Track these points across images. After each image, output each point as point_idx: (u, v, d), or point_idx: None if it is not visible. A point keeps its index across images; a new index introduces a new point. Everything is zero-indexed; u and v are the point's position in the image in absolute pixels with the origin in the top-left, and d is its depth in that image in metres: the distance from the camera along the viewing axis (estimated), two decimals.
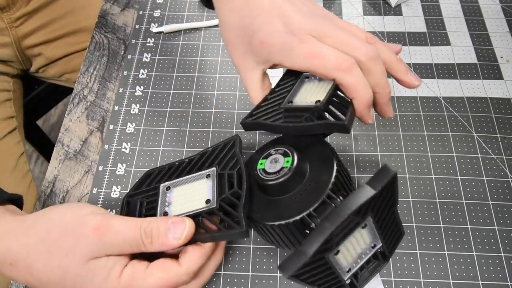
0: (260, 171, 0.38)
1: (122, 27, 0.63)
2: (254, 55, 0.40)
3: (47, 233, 0.34)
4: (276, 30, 0.37)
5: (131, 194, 0.42)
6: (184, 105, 0.55)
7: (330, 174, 0.37)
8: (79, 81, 0.58)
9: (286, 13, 0.38)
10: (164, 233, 0.34)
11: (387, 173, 0.33)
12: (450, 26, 0.61)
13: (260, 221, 0.37)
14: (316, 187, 0.37)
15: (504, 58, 0.58)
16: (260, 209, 0.38)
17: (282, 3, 0.38)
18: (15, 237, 0.35)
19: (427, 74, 0.56)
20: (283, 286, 0.43)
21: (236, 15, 0.40)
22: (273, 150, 0.39)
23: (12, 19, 0.70)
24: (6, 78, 0.74)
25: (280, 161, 0.38)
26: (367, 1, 0.64)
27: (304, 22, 0.37)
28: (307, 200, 0.36)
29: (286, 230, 0.36)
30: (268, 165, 0.38)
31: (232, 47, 0.42)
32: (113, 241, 0.33)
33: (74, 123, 0.55)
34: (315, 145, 0.41)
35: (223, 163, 0.40)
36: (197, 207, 0.37)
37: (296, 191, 0.37)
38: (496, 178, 0.48)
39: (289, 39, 0.37)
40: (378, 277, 0.43)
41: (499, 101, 0.54)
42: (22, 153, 0.70)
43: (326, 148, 0.39)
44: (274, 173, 0.37)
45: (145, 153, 0.52)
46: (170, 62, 0.59)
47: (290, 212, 0.36)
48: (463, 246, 0.45)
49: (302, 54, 0.36)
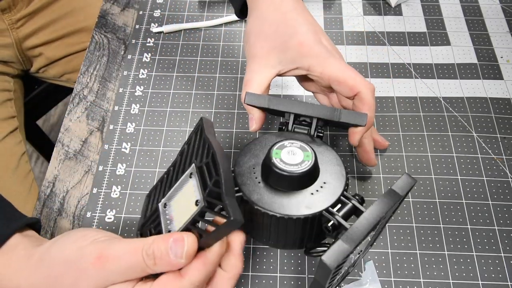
0: (277, 161, 0.37)
1: (122, 27, 0.63)
2: (283, 53, 0.43)
3: (51, 270, 0.34)
4: (316, 41, 0.43)
5: (141, 226, 0.40)
6: (184, 105, 0.55)
7: (342, 175, 0.39)
8: (79, 81, 0.58)
9: (324, 36, 0.45)
10: (166, 253, 0.32)
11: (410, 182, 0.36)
12: (450, 26, 0.61)
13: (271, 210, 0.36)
14: (331, 184, 0.38)
15: (504, 58, 0.58)
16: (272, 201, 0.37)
17: (321, 28, 0.45)
18: (23, 276, 0.35)
19: (427, 74, 0.56)
20: (283, 286, 0.43)
21: (278, 13, 0.44)
22: (287, 142, 0.38)
23: (13, 20, 0.70)
24: (6, 78, 0.74)
25: (299, 154, 0.37)
26: (367, 1, 0.64)
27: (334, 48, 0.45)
28: (326, 196, 0.37)
29: (300, 225, 0.36)
30: (285, 156, 0.37)
31: (259, 38, 0.44)
32: (116, 269, 0.32)
33: (74, 123, 0.55)
34: (320, 145, 0.41)
35: (199, 155, 0.37)
36: (191, 213, 0.35)
37: (313, 186, 0.38)
38: (496, 178, 0.48)
39: (326, 51, 0.43)
40: (376, 275, 0.43)
41: (499, 101, 0.54)
42: (23, 153, 0.70)
43: (331, 149, 0.40)
44: (295, 164, 0.37)
45: (145, 153, 0.52)
46: (170, 62, 0.59)
47: (309, 207, 0.36)
48: (463, 246, 0.45)
49: (336, 65, 0.42)
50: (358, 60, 0.58)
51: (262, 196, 0.37)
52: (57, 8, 0.75)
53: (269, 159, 0.37)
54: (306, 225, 0.36)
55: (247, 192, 0.38)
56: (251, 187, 0.38)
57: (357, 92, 0.41)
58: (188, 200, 0.36)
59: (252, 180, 0.38)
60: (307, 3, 0.63)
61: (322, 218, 0.36)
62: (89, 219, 0.47)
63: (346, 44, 0.59)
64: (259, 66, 0.43)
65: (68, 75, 0.80)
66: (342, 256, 0.31)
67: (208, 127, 0.37)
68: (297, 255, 0.45)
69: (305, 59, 0.42)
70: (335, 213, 0.36)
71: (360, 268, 0.44)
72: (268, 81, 0.43)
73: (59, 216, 0.48)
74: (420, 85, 0.55)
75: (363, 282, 0.43)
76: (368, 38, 0.60)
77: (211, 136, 0.37)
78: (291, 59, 0.43)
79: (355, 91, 0.41)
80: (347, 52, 0.59)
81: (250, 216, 0.38)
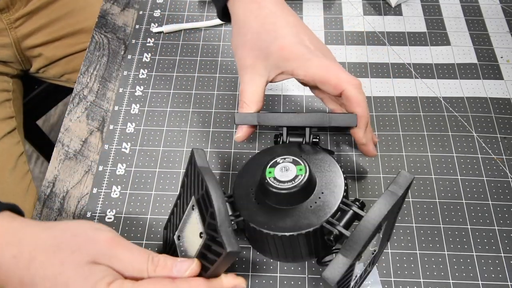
0: (271, 180, 0.37)
1: (122, 27, 0.63)
2: (267, 60, 0.43)
3: (62, 232, 0.35)
4: (297, 42, 0.42)
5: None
6: (184, 105, 0.55)
7: (341, 181, 0.38)
8: (79, 81, 0.58)
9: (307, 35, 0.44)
10: (170, 266, 0.34)
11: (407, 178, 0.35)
12: (450, 26, 0.61)
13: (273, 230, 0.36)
14: (329, 194, 0.37)
15: (504, 58, 0.58)
16: (272, 220, 0.37)
17: (304, 27, 0.44)
18: (30, 232, 0.36)
19: (427, 74, 0.56)
20: (283, 286, 0.43)
21: (258, 21, 0.43)
22: (279, 158, 0.38)
23: (11, 19, 0.70)
24: (5, 78, 0.74)
25: (292, 169, 0.37)
26: (367, 1, 0.64)
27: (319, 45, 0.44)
28: (324, 207, 0.36)
29: (303, 240, 0.36)
30: (278, 173, 0.37)
31: (244, 49, 0.44)
32: (120, 256, 0.34)
33: (74, 123, 0.55)
34: (315, 153, 0.41)
35: (196, 187, 0.38)
36: (198, 245, 0.36)
37: (310, 199, 0.37)
38: (496, 178, 0.48)
39: (308, 51, 0.42)
40: (377, 277, 0.43)
41: (499, 101, 0.54)
42: (22, 153, 0.70)
43: (327, 156, 0.40)
44: (289, 181, 0.36)
45: (145, 153, 0.52)
46: (170, 62, 0.59)
47: (309, 221, 0.36)
48: (463, 246, 0.45)
49: (319, 65, 0.41)
50: (358, 60, 0.58)
51: (262, 217, 0.37)
52: (56, 8, 0.75)
53: (263, 179, 0.37)
54: (309, 239, 0.36)
55: (247, 216, 0.38)
56: (250, 209, 0.38)
57: (342, 90, 0.41)
58: (194, 232, 0.37)
59: (251, 202, 0.39)
60: (307, 3, 0.63)
61: (324, 230, 0.36)
62: (89, 219, 0.47)
63: (346, 44, 0.59)
64: (249, 77, 0.44)
65: (68, 75, 0.80)
66: (343, 269, 0.31)
67: (200, 158, 0.38)
68: None
69: (288, 63, 0.42)
70: (336, 223, 0.36)
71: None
72: (261, 90, 0.43)
73: (59, 216, 0.48)
74: (420, 85, 0.55)
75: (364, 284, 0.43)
76: (368, 38, 0.60)
77: (203, 167, 0.37)
78: (275, 65, 0.42)
79: (339, 89, 0.41)
80: (347, 52, 0.59)
81: (255, 237, 0.39)
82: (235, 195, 0.40)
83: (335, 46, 0.59)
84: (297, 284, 0.43)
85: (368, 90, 0.55)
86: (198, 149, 0.39)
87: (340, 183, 0.38)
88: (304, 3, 0.64)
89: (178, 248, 0.40)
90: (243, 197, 0.39)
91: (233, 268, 0.44)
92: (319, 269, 0.44)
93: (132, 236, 0.46)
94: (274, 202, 0.38)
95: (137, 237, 0.46)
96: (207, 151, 0.51)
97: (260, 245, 0.40)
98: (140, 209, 0.48)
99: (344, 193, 0.37)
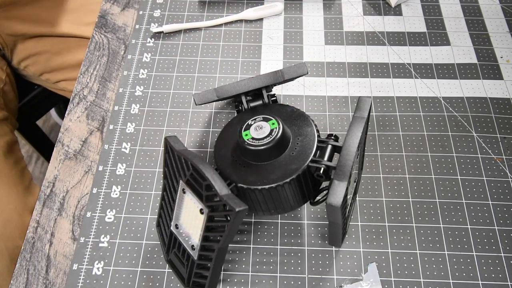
0: (250, 141, 0.39)
1: (122, 27, 0.63)
2: None
3: None
4: None
5: (166, 253, 0.43)
6: (184, 105, 0.55)
7: (310, 124, 0.41)
8: (79, 81, 0.58)
9: None
10: None
11: (367, 101, 0.39)
12: (450, 26, 0.61)
13: (266, 184, 0.38)
14: (304, 138, 0.40)
15: (504, 58, 0.58)
16: (262, 176, 0.39)
17: None
18: None
19: (427, 74, 0.56)
20: (283, 286, 0.43)
21: None
22: (250, 120, 0.41)
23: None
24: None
25: (265, 126, 0.40)
26: (367, 1, 0.64)
27: None
28: (305, 150, 0.39)
29: (295, 185, 0.38)
30: (254, 133, 0.39)
31: None
32: None
33: (74, 123, 0.55)
34: (278, 108, 0.44)
35: (181, 171, 0.39)
36: (201, 222, 0.37)
37: (290, 147, 0.40)
38: (496, 178, 0.48)
39: None
40: (377, 277, 0.43)
41: (499, 101, 0.54)
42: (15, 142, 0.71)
43: (288, 106, 0.43)
44: (266, 137, 0.39)
45: (145, 153, 0.52)
46: (170, 62, 0.59)
47: (296, 165, 0.38)
48: (463, 246, 0.45)
49: None
50: (358, 60, 0.58)
51: (253, 176, 0.39)
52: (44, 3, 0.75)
53: (242, 142, 0.39)
54: (300, 182, 0.38)
55: (238, 180, 0.39)
56: (239, 174, 0.40)
57: None
58: (193, 212, 0.38)
59: (237, 167, 0.40)
60: (307, 3, 0.63)
61: (311, 169, 0.38)
62: (89, 219, 0.47)
63: (346, 44, 0.59)
64: None
65: (48, 75, 0.79)
66: (342, 192, 0.34)
67: (176, 143, 0.40)
68: (297, 255, 0.45)
69: None
70: (319, 160, 0.38)
71: (361, 268, 0.44)
72: None
73: (59, 216, 0.48)
74: (420, 85, 0.55)
75: (364, 284, 0.43)
76: (368, 38, 0.60)
77: (183, 150, 0.39)
78: None
79: None
80: (347, 52, 0.59)
81: (250, 198, 0.40)
82: (219, 166, 0.41)
83: (335, 46, 0.59)
84: (297, 284, 0.43)
85: (368, 90, 0.55)
86: (171, 136, 0.40)
87: (310, 124, 0.41)
88: (304, 3, 0.64)
89: (179, 236, 0.40)
90: (228, 165, 0.41)
91: (234, 268, 0.44)
92: (319, 269, 0.44)
93: (132, 236, 0.46)
94: (258, 160, 0.40)
95: (137, 237, 0.46)
96: (207, 151, 0.51)
97: (256, 205, 0.41)
98: (140, 209, 0.48)
99: (317, 133, 0.40)
